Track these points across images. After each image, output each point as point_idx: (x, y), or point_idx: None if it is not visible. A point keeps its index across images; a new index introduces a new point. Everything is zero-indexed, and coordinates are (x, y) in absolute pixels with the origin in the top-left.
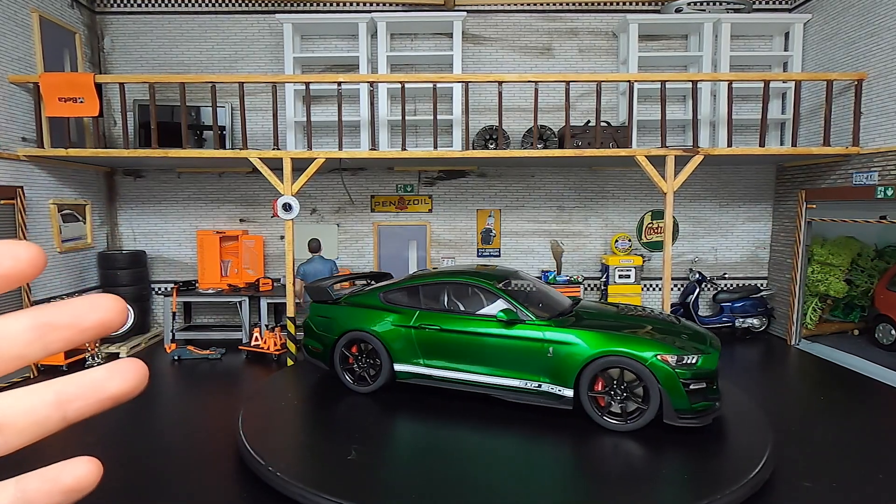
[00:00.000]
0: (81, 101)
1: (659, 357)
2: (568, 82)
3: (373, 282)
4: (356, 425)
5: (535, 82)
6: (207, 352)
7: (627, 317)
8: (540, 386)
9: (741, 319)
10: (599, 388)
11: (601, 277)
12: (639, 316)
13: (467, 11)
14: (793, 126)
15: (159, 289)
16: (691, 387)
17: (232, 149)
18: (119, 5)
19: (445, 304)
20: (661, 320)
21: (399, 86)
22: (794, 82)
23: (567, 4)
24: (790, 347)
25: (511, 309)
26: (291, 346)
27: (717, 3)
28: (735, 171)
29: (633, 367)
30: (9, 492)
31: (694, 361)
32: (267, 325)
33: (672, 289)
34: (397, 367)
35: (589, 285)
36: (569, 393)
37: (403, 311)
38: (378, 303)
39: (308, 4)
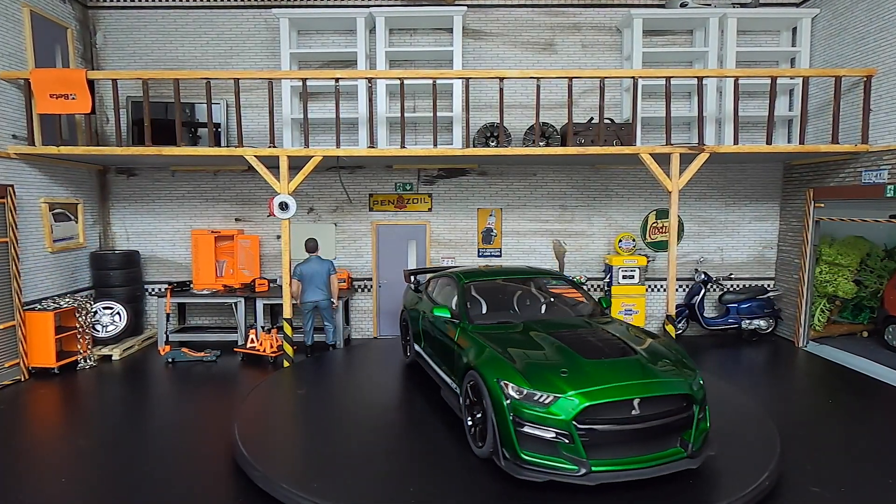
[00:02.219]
0: (73, 98)
1: (500, 381)
2: (570, 79)
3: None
4: (354, 428)
5: (537, 79)
6: (202, 354)
7: (578, 334)
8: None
9: (748, 321)
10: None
11: (604, 278)
12: (603, 339)
13: (468, 6)
14: (800, 123)
15: (153, 290)
16: (525, 429)
17: (227, 146)
18: (112, 0)
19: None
20: (653, 352)
21: (398, 82)
22: (801, 78)
23: None
24: (798, 349)
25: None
26: (288, 348)
27: None
28: (741, 170)
29: (479, 386)
30: None
31: (546, 401)
32: (263, 327)
33: (677, 290)
34: None
35: (592, 286)
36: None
37: None
38: None
39: None
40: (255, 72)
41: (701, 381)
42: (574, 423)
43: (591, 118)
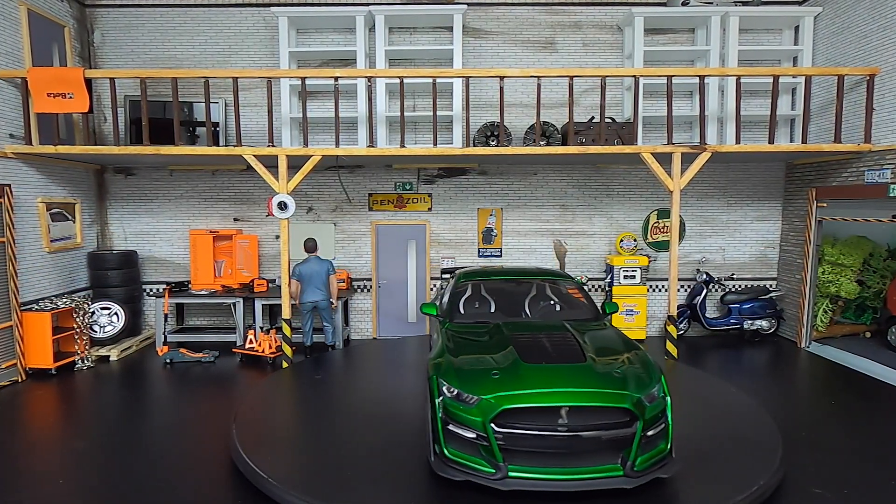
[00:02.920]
0: (71, 97)
1: (439, 379)
2: (571, 77)
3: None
4: (353, 430)
5: (538, 77)
6: (200, 355)
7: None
8: None
9: (750, 321)
10: None
11: (605, 278)
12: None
13: (468, 4)
14: (803, 122)
15: (151, 290)
16: (450, 427)
17: (226, 146)
18: None
19: None
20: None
21: (398, 81)
22: (804, 77)
23: None
24: (800, 350)
25: None
26: (287, 349)
27: None
28: (743, 169)
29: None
30: None
31: (471, 401)
32: (262, 328)
33: (679, 290)
34: None
35: (593, 286)
36: None
37: None
38: None
39: None
40: (253, 71)
41: (660, 398)
42: (492, 425)
43: (593, 117)
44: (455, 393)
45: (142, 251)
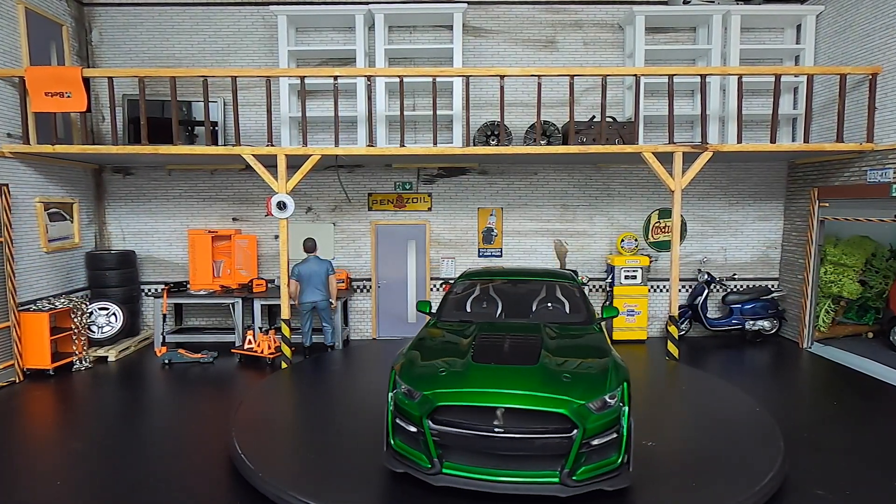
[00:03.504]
0: (69, 96)
1: (396, 374)
2: (572, 76)
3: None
4: (353, 431)
5: (539, 76)
6: (199, 355)
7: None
8: None
9: (751, 322)
10: None
11: (606, 278)
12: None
13: (468, 3)
14: (805, 122)
15: (149, 290)
16: (397, 420)
17: (224, 145)
18: None
19: None
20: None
21: (397, 80)
22: (806, 76)
23: None
24: (802, 351)
25: None
26: (286, 350)
27: None
28: (745, 169)
29: None
30: None
31: (415, 397)
32: (261, 328)
33: (680, 290)
34: None
35: (594, 286)
36: None
37: None
38: None
39: None
40: (252, 69)
41: (614, 407)
42: (427, 420)
43: (593, 116)
44: (405, 388)
45: (140, 251)
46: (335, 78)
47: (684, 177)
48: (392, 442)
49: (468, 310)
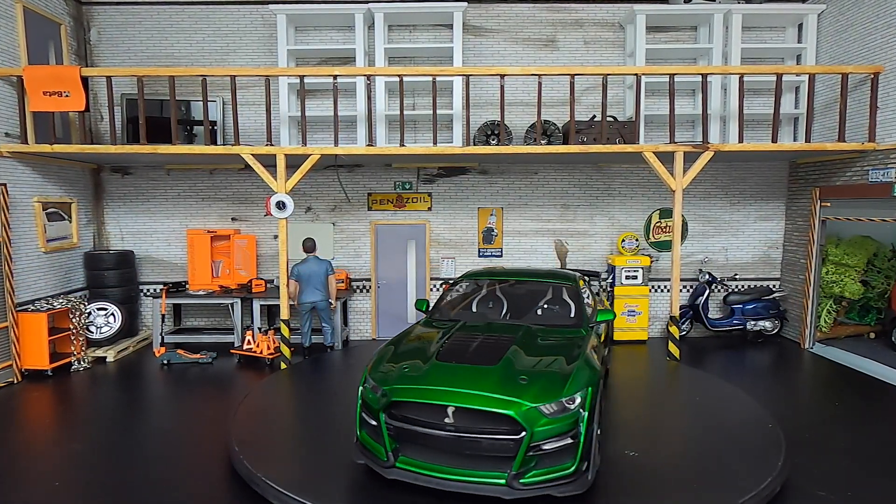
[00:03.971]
0: (67, 96)
1: (367, 370)
2: (572, 76)
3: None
4: (352, 432)
5: (539, 76)
6: (198, 356)
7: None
8: None
9: (753, 322)
10: None
11: (607, 278)
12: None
13: (468, 2)
14: (806, 121)
15: (148, 290)
16: (362, 414)
17: (223, 145)
18: None
19: None
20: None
21: (397, 79)
22: (807, 76)
23: None
24: (803, 351)
25: None
26: (285, 350)
27: None
28: (746, 168)
29: None
30: None
31: (378, 392)
32: (260, 328)
33: (681, 290)
34: None
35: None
36: None
37: None
38: None
39: None
40: (251, 69)
41: (572, 412)
42: (384, 415)
43: (594, 116)
44: (371, 384)
45: (139, 251)
46: (335, 77)
47: (685, 176)
48: (359, 434)
49: (460, 310)
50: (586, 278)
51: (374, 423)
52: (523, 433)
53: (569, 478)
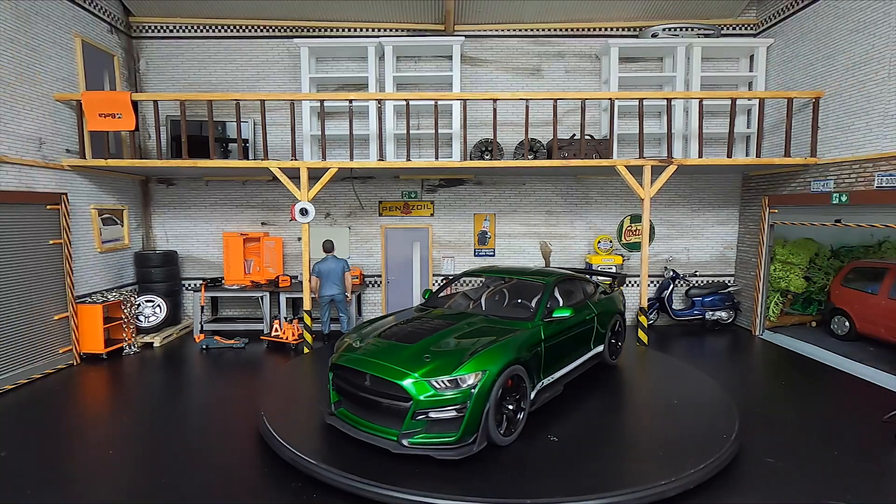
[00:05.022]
0: (119, 117)
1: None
2: (555, 100)
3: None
4: None
5: (526, 100)
6: (232, 341)
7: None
8: None
9: (711, 312)
10: None
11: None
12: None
13: (465, 36)
14: (757, 139)
15: (189, 285)
16: (329, 373)
17: (254, 159)
18: (153, 31)
19: None
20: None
21: (404, 103)
22: (758, 100)
23: (554, 30)
24: (754, 338)
25: None
26: (308, 336)
27: (689, 29)
28: (705, 180)
29: None
30: None
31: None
32: (286, 318)
33: (649, 285)
34: None
35: None
36: None
37: None
38: None
39: (323, 30)
40: (278, 94)
41: (463, 390)
42: (331, 374)
43: (574, 135)
44: (335, 351)
45: (181, 251)
46: (350, 101)
47: (653, 187)
48: (329, 389)
49: (446, 298)
50: (588, 277)
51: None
52: (410, 401)
53: (451, 444)
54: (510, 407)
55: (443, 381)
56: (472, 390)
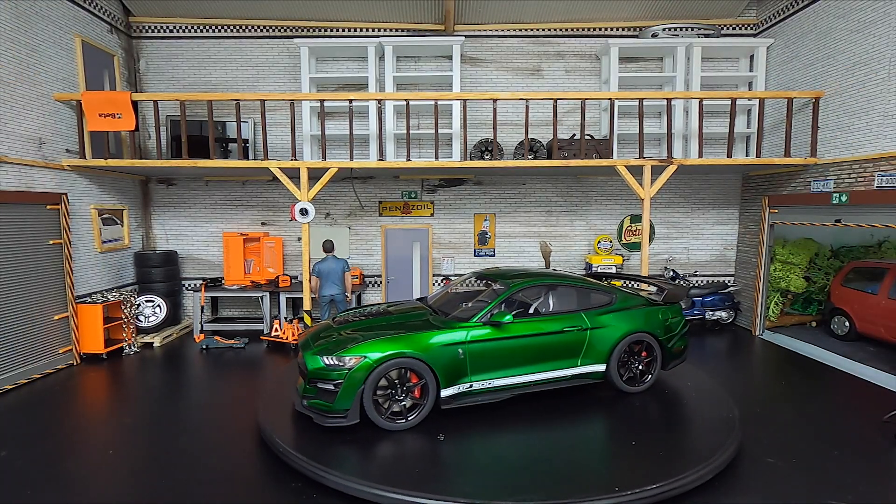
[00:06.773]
0: (119, 117)
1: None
2: (555, 100)
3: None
4: None
5: (526, 100)
6: (232, 341)
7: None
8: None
9: (711, 312)
10: None
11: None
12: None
13: (465, 36)
14: (757, 139)
15: (189, 285)
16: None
17: (254, 159)
18: (153, 31)
19: None
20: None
21: (404, 103)
22: (758, 100)
23: (554, 30)
24: (754, 337)
25: None
26: None
27: (689, 29)
28: (705, 180)
29: None
30: None
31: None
32: (286, 318)
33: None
34: None
35: None
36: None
37: None
38: None
39: (323, 30)
40: (278, 94)
41: (342, 370)
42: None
43: (574, 135)
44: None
45: (181, 251)
46: (350, 101)
47: (653, 187)
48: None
49: (443, 299)
50: (612, 285)
51: None
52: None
53: (329, 412)
54: (399, 397)
55: (329, 359)
56: (348, 372)
